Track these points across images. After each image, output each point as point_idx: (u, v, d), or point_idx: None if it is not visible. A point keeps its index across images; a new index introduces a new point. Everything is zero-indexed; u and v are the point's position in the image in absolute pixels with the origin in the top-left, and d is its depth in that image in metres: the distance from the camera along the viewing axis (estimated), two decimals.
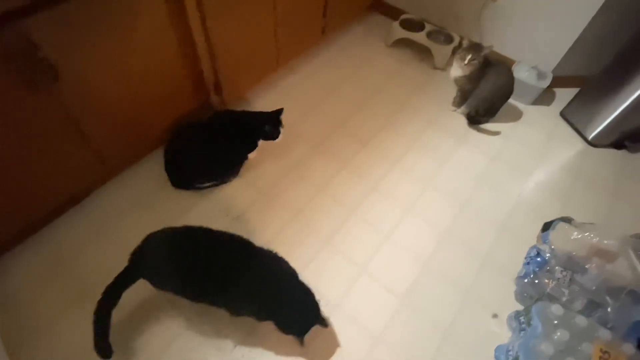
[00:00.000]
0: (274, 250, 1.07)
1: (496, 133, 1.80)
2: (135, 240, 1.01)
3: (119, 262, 1.00)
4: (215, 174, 1.45)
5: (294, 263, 1.08)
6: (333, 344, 1.14)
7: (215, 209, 1.41)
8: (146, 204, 1.39)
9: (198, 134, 1.44)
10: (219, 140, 1.42)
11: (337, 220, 1.43)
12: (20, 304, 1.15)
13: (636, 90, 1.56)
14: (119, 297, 0.98)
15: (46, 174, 1.14)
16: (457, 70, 1.67)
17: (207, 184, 1.45)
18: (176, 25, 1.22)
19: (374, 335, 1.17)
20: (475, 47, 1.59)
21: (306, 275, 1.21)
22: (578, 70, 1.93)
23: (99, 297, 0.96)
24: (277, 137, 1.45)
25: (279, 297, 0.99)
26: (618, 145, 1.79)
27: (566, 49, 1.82)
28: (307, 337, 0.99)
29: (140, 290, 1.02)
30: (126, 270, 1.00)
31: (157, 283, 1.02)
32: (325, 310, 1.19)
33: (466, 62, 1.59)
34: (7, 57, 0.87)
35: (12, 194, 1.09)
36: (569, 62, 1.88)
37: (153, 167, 1.48)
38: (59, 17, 0.92)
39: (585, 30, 1.72)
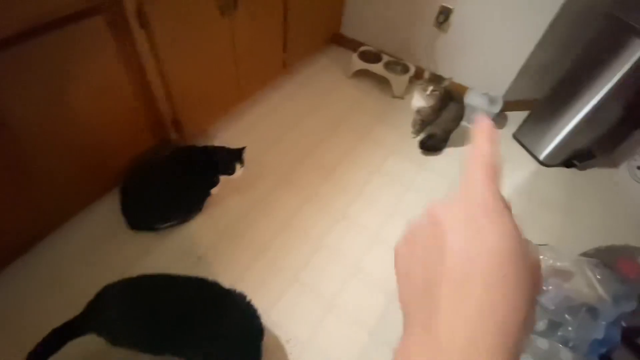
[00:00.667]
0: (244, 294, 1.03)
1: (451, 158, 1.86)
2: (90, 290, 0.95)
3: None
4: (176, 212, 1.40)
5: (261, 302, 1.04)
6: None
7: (177, 250, 1.36)
8: (102, 249, 1.32)
9: (156, 172, 1.40)
10: (179, 177, 1.38)
11: (304, 254, 1.41)
12: None
13: (580, 111, 1.67)
14: (59, 346, 0.90)
15: None
16: (419, 101, 1.70)
17: (167, 224, 1.40)
18: (128, 65, 1.19)
19: None
20: (436, 79, 1.64)
21: (275, 314, 1.18)
22: (527, 94, 2.05)
23: None
24: (232, 173, 1.42)
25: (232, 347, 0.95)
26: (568, 164, 1.90)
27: (514, 75, 1.94)
28: None
29: (93, 341, 0.95)
30: (75, 320, 0.92)
31: (114, 339, 0.94)
32: (294, 349, 1.16)
33: (428, 92, 1.63)
34: None
35: None
36: (518, 87, 1.99)
37: (109, 209, 1.41)
38: None
39: (529, 58, 1.85)
